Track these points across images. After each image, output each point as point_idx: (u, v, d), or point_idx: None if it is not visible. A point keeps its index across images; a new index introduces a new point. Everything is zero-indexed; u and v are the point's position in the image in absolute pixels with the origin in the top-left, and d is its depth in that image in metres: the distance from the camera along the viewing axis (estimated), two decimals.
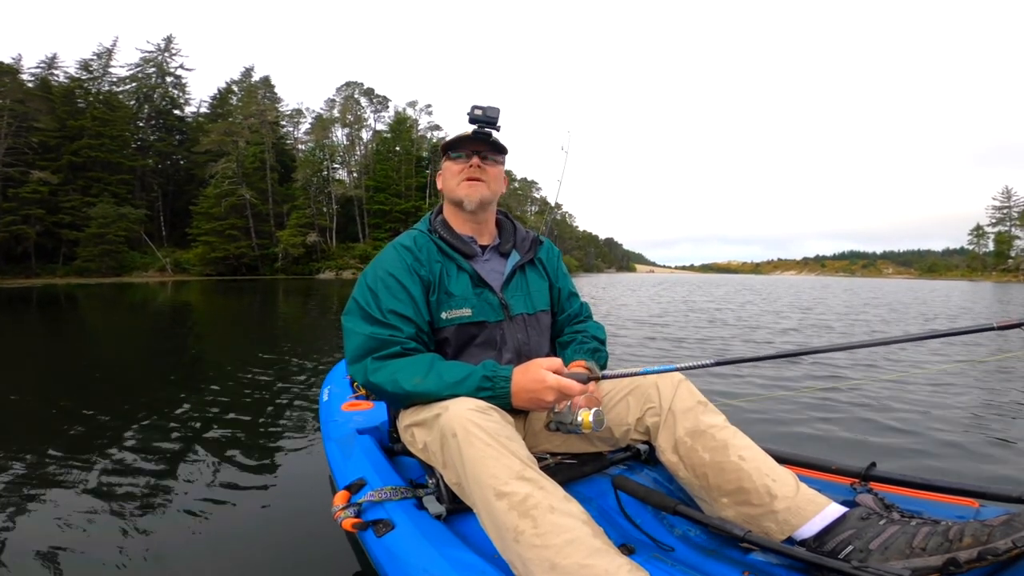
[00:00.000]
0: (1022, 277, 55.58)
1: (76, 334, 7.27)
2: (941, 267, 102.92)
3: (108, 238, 32.92)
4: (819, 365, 4.11)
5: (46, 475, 2.01)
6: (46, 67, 37.94)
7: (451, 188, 1.26)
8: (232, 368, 4.24)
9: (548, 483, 0.88)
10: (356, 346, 1.12)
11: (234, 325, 8.56)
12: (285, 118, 47.89)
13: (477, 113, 1.22)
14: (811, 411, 2.84)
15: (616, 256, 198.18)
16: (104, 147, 35.41)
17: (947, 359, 4.58)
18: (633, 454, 1.35)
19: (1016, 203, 67.02)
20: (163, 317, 9.68)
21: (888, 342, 0.99)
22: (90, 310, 11.26)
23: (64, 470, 2.06)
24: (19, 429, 2.59)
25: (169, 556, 1.47)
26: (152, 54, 43.47)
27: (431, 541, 0.96)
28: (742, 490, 0.99)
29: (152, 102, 42.92)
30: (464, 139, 1.24)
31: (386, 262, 1.20)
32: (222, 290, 19.52)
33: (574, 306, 1.44)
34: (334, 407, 1.83)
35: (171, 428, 2.61)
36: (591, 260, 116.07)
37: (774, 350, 1.40)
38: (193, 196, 39.55)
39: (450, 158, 1.27)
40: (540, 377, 1.00)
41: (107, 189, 35.09)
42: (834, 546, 0.90)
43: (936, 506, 1.03)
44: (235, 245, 37.26)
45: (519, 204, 64.87)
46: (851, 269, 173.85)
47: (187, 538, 1.56)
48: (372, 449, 1.38)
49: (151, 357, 5.08)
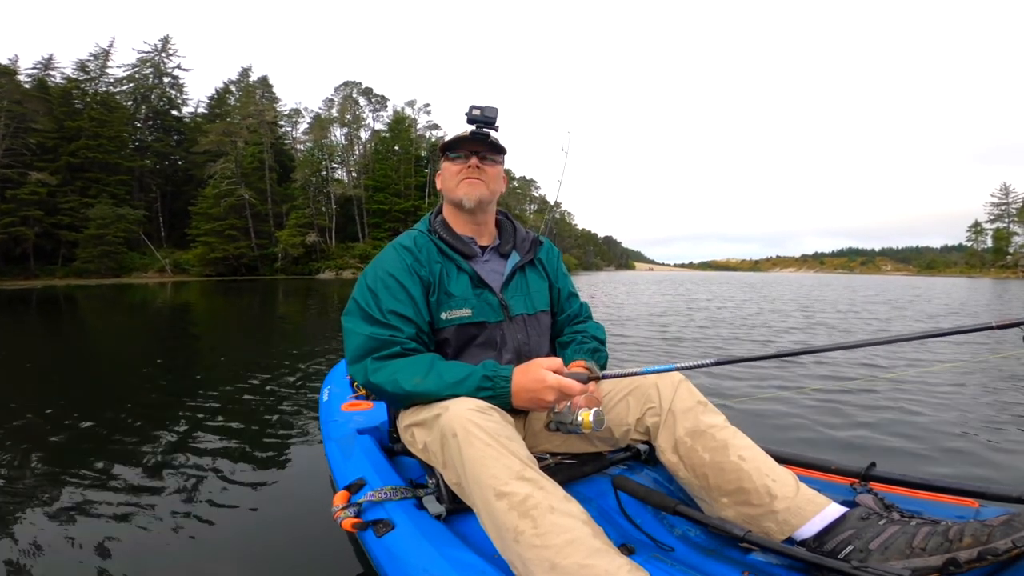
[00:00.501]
0: (1020, 273, 55.60)
1: (76, 335, 7.27)
2: (940, 264, 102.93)
3: (107, 239, 32.88)
4: (819, 365, 4.11)
5: (46, 476, 2.01)
6: (42, 68, 37.89)
7: (450, 188, 1.26)
8: (232, 368, 4.24)
9: (548, 483, 0.88)
10: (356, 346, 1.12)
11: (234, 326, 8.55)
12: (283, 118, 47.87)
13: (475, 113, 1.22)
14: (811, 411, 2.83)
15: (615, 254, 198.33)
16: (102, 148, 35.34)
17: (947, 358, 4.57)
18: (633, 454, 1.35)
19: (1014, 200, 67.11)
20: (163, 318, 9.67)
21: (888, 341, 0.99)
22: (90, 311, 11.26)
23: (64, 471, 2.05)
24: (19, 430, 2.59)
25: (169, 556, 1.47)
26: (149, 54, 43.41)
27: (431, 541, 0.96)
28: (742, 490, 0.99)
29: (149, 103, 42.83)
30: (462, 139, 1.24)
31: (386, 262, 1.20)
32: (222, 291, 19.51)
33: (574, 306, 1.44)
34: (334, 407, 1.83)
35: (171, 428, 2.61)
36: (590, 258, 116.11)
37: (774, 350, 1.40)
38: (191, 196, 39.50)
39: (449, 158, 1.27)
40: (540, 377, 1.00)
41: (105, 190, 35.05)
42: (834, 546, 0.90)
43: (936, 506, 1.03)
44: (234, 245, 37.23)
45: (518, 203, 64.88)
46: (850, 266, 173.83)
47: (187, 538, 1.56)
48: (372, 449, 1.38)
49: (151, 358, 5.07)
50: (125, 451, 2.29)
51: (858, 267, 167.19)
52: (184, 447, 2.34)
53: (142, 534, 1.58)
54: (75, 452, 2.26)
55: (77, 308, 11.90)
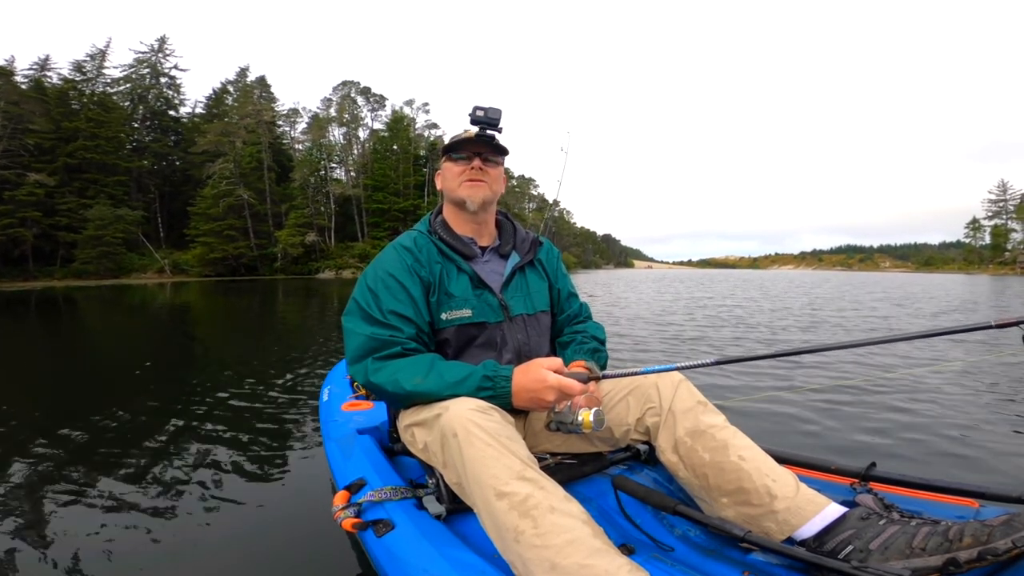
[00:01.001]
0: (1018, 270, 55.65)
1: (76, 336, 7.26)
2: (938, 260, 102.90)
3: (106, 240, 32.81)
4: (819, 364, 4.10)
5: (46, 477, 2.01)
6: (39, 68, 37.75)
7: (452, 189, 1.26)
8: (232, 368, 4.24)
9: (549, 483, 0.88)
10: (356, 346, 1.12)
11: (234, 326, 8.55)
12: (281, 118, 47.79)
13: (479, 114, 1.21)
14: (811, 411, 2.83)
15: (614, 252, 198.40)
16: (99, 148, 35.24)
17: (947, 357, 4.57)
18: (633, 454, 1.34)
19: (1012, 197, 67.19)
20: (163, 319, 9.66)
21: (887, 340, 0.99)
22: (89, 312, 11.25)
23: (63, 472, 2.05)
24: (19, 432, 2.59)
25: (169, 556, 1.47)
26: (146, 55, 43.29)
27: (431, 541, 0.96)
28: (742, 490, 0.99)
29: (147, 103, 42.75)
30: (467, 141, 1.23)
31: (386, 263, 1.20)
32: (221, 291, 19.50)
33: (573, 306, 1.44)
34: (334, 407, 1.83)
35: (170, 429, 2.61)
36: (589, 256, 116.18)
37: (774, 349, 1.40)
38: (190, 197, 39.43)
39: (451, 159, 1.27)
40: (541, 377, 1.00)
41: (103, 191, 34.97)
42: (834, 546, 0.90)
43: (936, 506, 1.02)
44: (233, 245, 37.18)
45: (517, 201, 64.88)
46: (848, 263, 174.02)
47: (187, 538, 1.56)
48: (372, 449, 1.38)
49: (150, 358, 5.07)
50: (124, 452, 2.29)
51: (857, 264, 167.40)
52: (184, 447, 2.34)
53: (142, 534, 1.58)
54: (74, 454, 2.26)
55: (76, 309, 11.88)
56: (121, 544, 1.52)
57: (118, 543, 1.53)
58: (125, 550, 1.50)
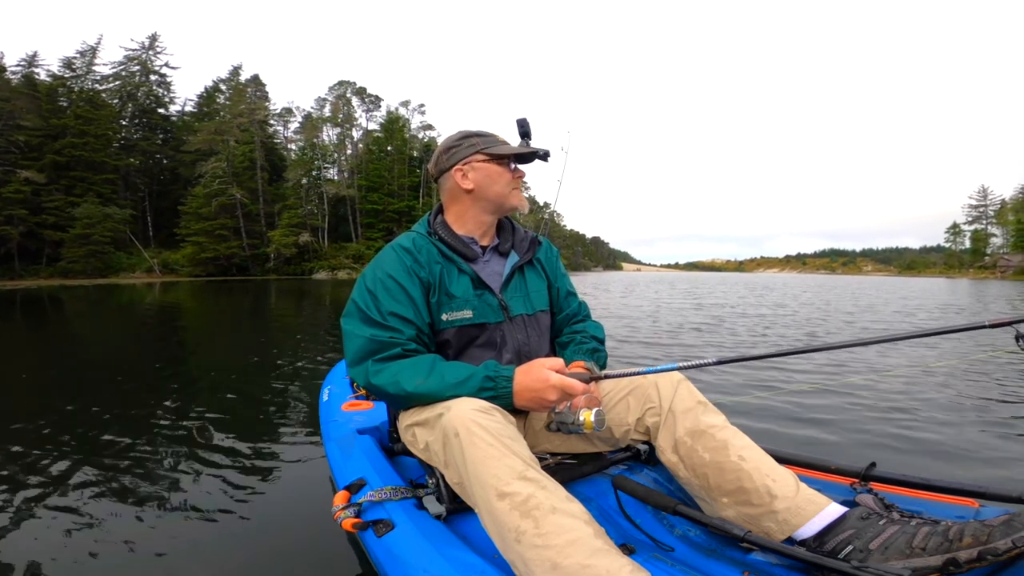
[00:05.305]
0: (998, 274, 56.58)
1: (63, 336, 7.15)
2: (919, 264, 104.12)
3: (93, 239, 32.40)
4: (819, 364, 4.12)
5: (42, 479, 1.98)
6: (27, 65, 37.25)
7: (500, 193, 1.25)
8: (230, 369, 4.21)
9: (550, 483, 0.88)
10: (356, 348, 1.11)
11: (229, 326, 8.47)
12: (274, 117, 47.51)
13: (526, 128, 1.25)
14: (811, 411, 2.84)
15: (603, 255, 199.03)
16: (88, 146, 34.85)
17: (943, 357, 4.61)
18: (633, 454, 1.35)
19: (992, 201, 68.33)
20: (152, 319, 9.53)
21: (887, 340, 1.00)
22: (76, 312, 11.08)
23: (60, 474, 2.02)
24: (11, 433, 2.54)
25: (168, 557, 1.45)
26: (136, 52, 42.87)
27: (431, 541, 0.95)
28: (742, 490, 0.99)
29: (136, 100, 42.28)
30: (531, 154, 1.25)
31: (385, 264, 1.19)
32: (213, 291, 19.30)
33: (572, 305, 1.44)
34: (334, 407, 1.82)
35: (168, 430, 2.57)
36: (579, 259, 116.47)
37: (774, 349, 1.41)
38: (178, 196, 39.09)
39: (502, 163, 1.25)
40: (543, 376, 0.99)
41: (91, 189, 34.56)
42: (834, 546, 0.90)
43: (936, 506, 1.03)
44: (225, 245, 36.87)
45: None
46: (832, 267, 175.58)
47: (187, 539, 1.55)
48: (372, 449, 1.38)
49: (142, 359, 5.01)
50: (120, 454, 2.25)
51: (840, 268, 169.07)
52: (183, 448, 2.32)
53: (142, 534, 1.57)
54: (70, 456, 2.22)
55: (63, 309, 11.70)
56: (120, 544, 1.50)
57: (116, 544, 1.51)
58: (124, 550, 1.48)
